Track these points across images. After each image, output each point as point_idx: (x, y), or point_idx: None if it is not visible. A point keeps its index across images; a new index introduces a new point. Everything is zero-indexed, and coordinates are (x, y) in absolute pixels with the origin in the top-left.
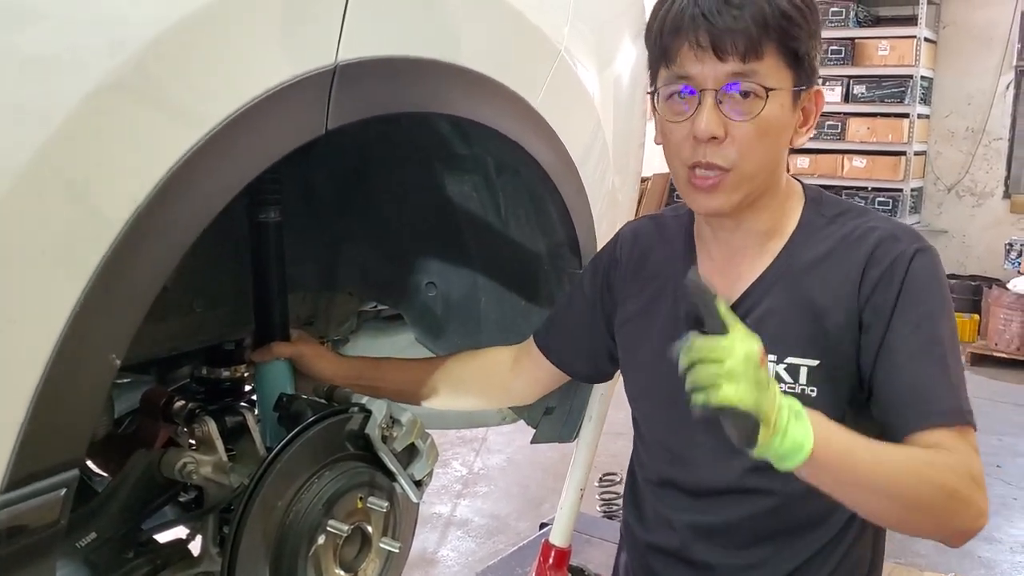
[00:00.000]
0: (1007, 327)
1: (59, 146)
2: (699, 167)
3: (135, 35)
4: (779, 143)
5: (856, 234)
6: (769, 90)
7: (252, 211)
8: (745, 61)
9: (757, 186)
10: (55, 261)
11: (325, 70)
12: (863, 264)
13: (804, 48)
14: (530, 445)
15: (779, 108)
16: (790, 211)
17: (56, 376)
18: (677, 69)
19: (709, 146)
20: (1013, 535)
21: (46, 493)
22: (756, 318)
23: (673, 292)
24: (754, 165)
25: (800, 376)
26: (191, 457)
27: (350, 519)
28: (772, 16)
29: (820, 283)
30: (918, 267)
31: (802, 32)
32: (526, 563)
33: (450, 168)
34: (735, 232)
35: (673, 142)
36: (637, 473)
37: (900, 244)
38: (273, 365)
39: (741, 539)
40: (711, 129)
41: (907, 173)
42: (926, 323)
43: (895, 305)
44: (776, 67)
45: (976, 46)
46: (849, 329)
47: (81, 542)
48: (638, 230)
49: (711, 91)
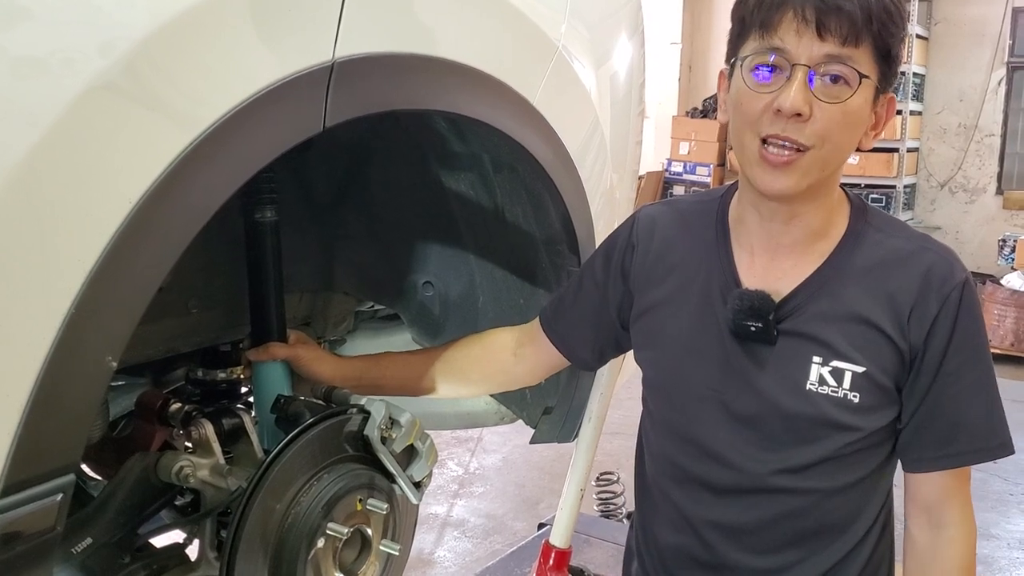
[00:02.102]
0: (1001, 323)
1: (53, 147)
2: (774, 141)
3: (127, 35)
4: (854, 136)
5: (908, 249)
6: (863, 77)
7: (248, 210)
8: (844, 45)
9: (825, 176)
10: (50, 263)
11: (322, 67)
12: (917, 286)
13: (896, 49)
14: (526, 445)
15: (863, 101)
16: (839, 215)
17: (52, 379)
18: (774, 40)
19: (790, 122)
20: (1010, 531)
21: (42, 498)
22: (804, 318)
23: (704, 282)
24: (830, 151)
25: (844, 381)
26: (188, 460)
27: (349, 521)
28: (876, 9)
29: (870, 293)
30: (968, 298)
31: (898, 31)
32: (524, 564)
33: (447, 166)
34: (787, 224)
35: (750, 112)
36: (650, 472)
37: (955, 274)
38: (270, 366)
39: (769, 541)
40: (798, 104)
41: (900, 170)
42: (978, 359)
43: (951, 337)
44: (868, 60)
45: (968, 43)
46: (897, 345)
47: (77, 547)
48: (657, 216)
49: (804, 67)
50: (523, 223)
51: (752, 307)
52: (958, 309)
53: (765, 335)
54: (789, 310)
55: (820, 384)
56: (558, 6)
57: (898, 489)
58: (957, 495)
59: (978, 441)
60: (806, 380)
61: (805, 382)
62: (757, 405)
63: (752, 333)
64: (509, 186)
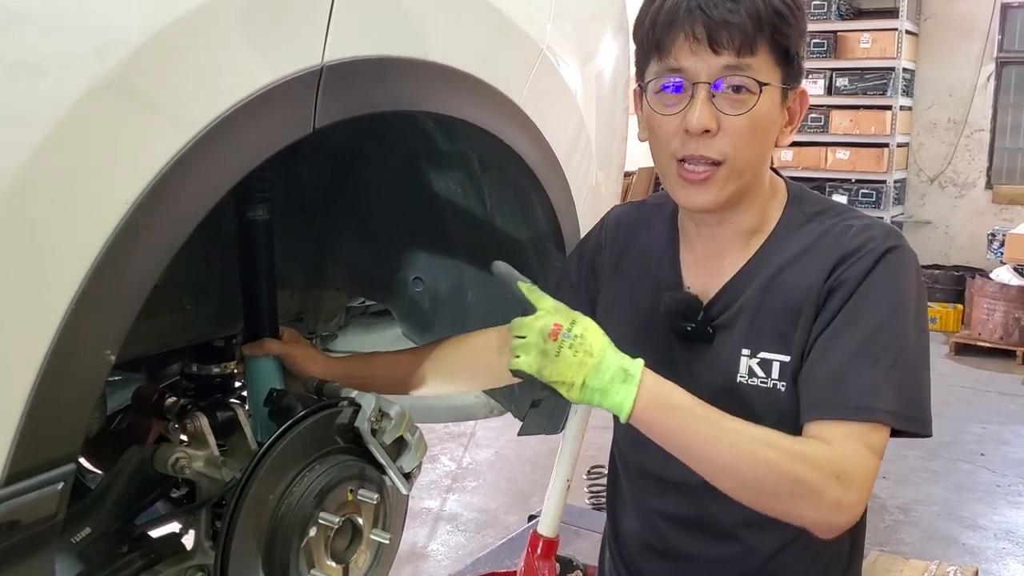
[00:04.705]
0: (990, 316)
1: (52, 150)
2: (689, 161)
3: (123, 39)
4: (767, 140)
5: (834, 232)
6: (763, 85)
7: (241, 209)
8: (739, 55)
9: (745, 183)
10: (51, 261)
11: (312, 70)
12: (835, 261)
13: (794, 47)
14: (518, 439)
15: (769, 104)
16: (773, 209)
17: (53, 372)
18: (670, 62)
19: (701, 139)
20: (997, 522)
21: (44, 487)
22: (733, 313)
23: (653, 283)
24: (744, 160)
25: (772, 371)
26: (183, 452)
27: (341, 511)
28: (766, 12)
29: (794, 280)
30: (885, 265)
31: (793, 30)
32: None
33: (435, 165)
34: (718, 228)
35: (662, 136)
36: (618, 466)
37: (873, 242)
38: (263, 361)
39: (718, 530)
40: (704, 122)
41: (890, 165)
42: (873, 320)
43: (850, 296)
44: (767, 64)
45: (957, 38)
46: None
47: (75, 537)
48: (622, 216)
49: (704, 84)
50: (510, 221)
51: (678, 310)
52: (870, 270)
53: (701, 334)
54: (721, 307)
55: (750, 376)
56: (543, 6)
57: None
58: (856, 456)
59: (852, 398)
60: (737, 373)
61: (736, 375)
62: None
63: (689, 332)
64: (496, 185)
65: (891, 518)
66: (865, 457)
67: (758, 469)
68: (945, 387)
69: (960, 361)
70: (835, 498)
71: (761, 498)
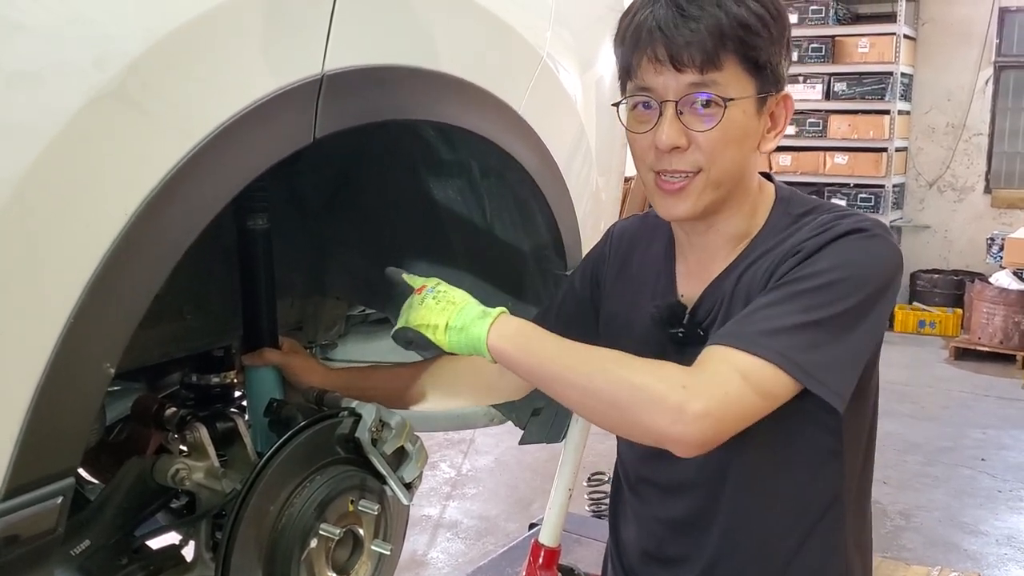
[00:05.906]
0: (990, 321)
1: (52, 160)
2: (665, 173)
3: (122, 49)
4: (744, 149)
5: (811, 224)
6: (728, 100)
7: (240, 218)
8: (703, 72)
9: (724, 192)
10: (49, 273)
11: (313, 80)
12: (799, 241)
13: (765, 56)
14: (518, 446)
15: (742, 115)
16: (761, 213)
17: (52, 386)
18: (639, 81)
19: (673, 155)
20: (998, 527)
21: (43, 501)
22: (716, 313)
23: (650, 294)
24: (720, 170)
25: None
26: (183, 463)
27: (342, 522)
28: (729, 27)
29: (761, 267)
30: (847, 241)
31: (762, 40)
32: (516, 564)
33: (436, 173)
34: (707, 235)
35: (638, 152)
36: (620, 476)
37: (842, 223)
38: (263, 371)
39: (707, 529)
40: (672, 140)
41: (889, 169)
42: (817, 281)
43: (801, 262)
44: (736, 76)
45: (955, 42)
46: None
47: (75, 549)
48: (625, 229)
49: (671, 103)
50: (511, 228)
51: (663, 317)
52: (832, 240)
53: (692, 337)
54: (707, 309)
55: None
56: (543, 14)
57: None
58: (718, 375)
59: (761, 336)
60: None
61: None
62: None
63: (681, 338)
64: (497, 193)
65: (892, 524)
66: (730, 380)
67: (609, 382)
68: (944, 392)
69: (959, 366)
70: (676, 403)
71: (609, 409)
